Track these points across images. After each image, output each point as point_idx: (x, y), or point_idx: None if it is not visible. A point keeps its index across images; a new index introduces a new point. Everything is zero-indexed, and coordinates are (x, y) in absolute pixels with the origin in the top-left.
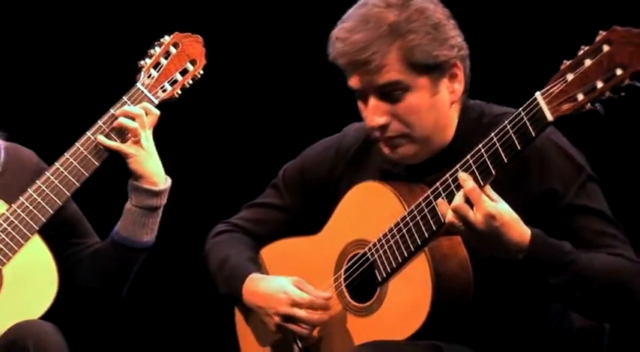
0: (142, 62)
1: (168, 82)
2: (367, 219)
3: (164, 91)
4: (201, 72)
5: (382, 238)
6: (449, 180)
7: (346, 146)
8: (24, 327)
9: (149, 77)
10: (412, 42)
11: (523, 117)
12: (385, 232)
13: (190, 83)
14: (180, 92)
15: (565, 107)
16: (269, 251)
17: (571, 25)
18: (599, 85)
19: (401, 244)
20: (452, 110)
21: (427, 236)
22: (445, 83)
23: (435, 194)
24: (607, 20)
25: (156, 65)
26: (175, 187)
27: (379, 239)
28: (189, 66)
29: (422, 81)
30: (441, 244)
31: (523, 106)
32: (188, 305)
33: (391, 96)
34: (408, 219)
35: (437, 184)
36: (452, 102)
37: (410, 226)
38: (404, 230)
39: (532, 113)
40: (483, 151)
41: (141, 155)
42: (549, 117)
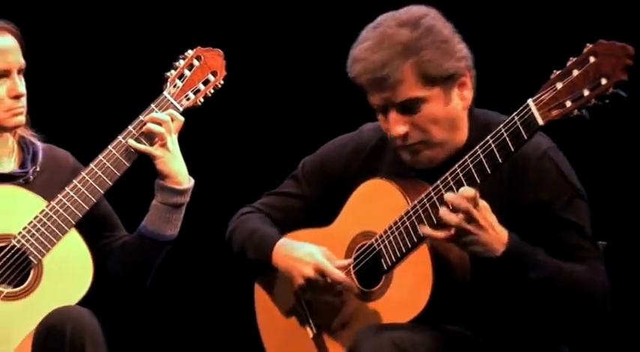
0: (168, 73)
1: (191, 91)
2: (374, 213)
3: (188, 100)
4: (221, 82)
5: (388, 230)
6: (448, 178)
7: (362, 144)
8: (62, 312)
9: (174, 87)
10: (424, 57)
11: (516, 121)
12: (390, 225)
13: (212, 92)
14: (202, 100)
15: (554, 113)
16: (290, 237)
17: (560, 38)
18: (585, 93)
19: (405, 236)
20: (464, 116)
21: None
22: (456, 92)
23: (436, 190)
24: (593, 34)
25: (180, 76)
26: (198, 186)
27: (385, 231)
28: (210, 77)
29: (435, 92)
30: None
31: (516, 112)
32: (207, 293)
33: (410, 108)
34: (412, 213)
35: (438, 182)
36: (463, 108)
37: (413, 219)
38: (407, 223)
39: (524, 118)
40: (480, 152)
41: (167, 157)
42: (540, 121)
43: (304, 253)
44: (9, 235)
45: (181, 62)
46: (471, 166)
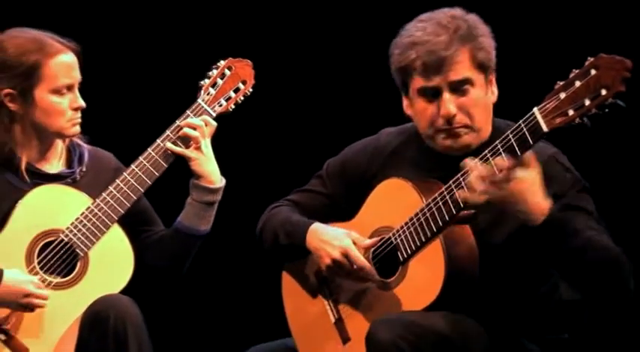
0: (202, 82)
1: (223, 98)
2: (392, 209)
3: (220, 106)
4: (250, 90)
5: (404, 225)
6: (460, 179)
7: (380, 148)
8: (106, 300)
9: (208, 94)
10: (480, 44)
11: (523, 128)
12: (407, 220)
13: (242, 99)
14: (233, 106)
15: (558, 120)
16: None
17: (564, 52)
18: (586, 103)
19: (419, 230)
20: (491, 111)
21: (441, 224)
22: (490, 85)
23: (449, 189)
24: (595, 48)
25: (213, 84)
26: (233, 184)
27: (401, 226)
28: (240, 85)
29: (481, 78)
30: (453, 232)
31: (523, 119)
32: (238, 281)
33: (460, 90)
34: (426, 210)
35: (450, 182)
36: (492, 102)
37: (427, 216)
38: (422, 219)
39: (530, 124)
40: (489, 156)
41: (201, 159)
42: (544, 128)
43: (333, 236)
44: (58, 230)
45: (214, 72)
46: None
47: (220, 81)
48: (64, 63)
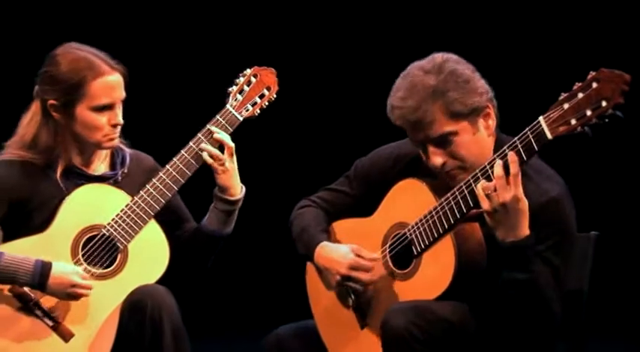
0: (230, 89)
1: (250, 104)
2: (407, 207)
3: (247, 111)
4: (274, 95)
5: (418, 222)
6: (470, 180)
7: (402, 155)
8: (144, 290)
9: (235, 100)
10: (450, 97)
11: (529, 135)
12: (421, 217)
13: (267, 104)
14: (259, 111)
15: (561, 129)
16: (338, 225)
17: (568, 66)
18: (588, 113)
19: (432, 227)
20: (490, 140)
21: (452, 222)
22: (481, 122)
23: (460, 189)
24: (596, 62)
25: (240, 91)
26: (266, 182)
27: (416, 222)
28: (265, 91)
29: (463, 125)
30: (464, 228)
31: (529, 127)
32: (267, 268)
33: (444, 142)
34: (439, 208)
35: (461, 183)
36: (489, 135)
37: (440, 214)
38: (435, 216)
39: (536, 132)
40: (498, 159)
41: (227, 174)
42: (549, 136)
43: (338, 255)
44: (100, 225)
45: (241, 79)
46: (488, 167)
47: (247, 88)
48: (108, 84)
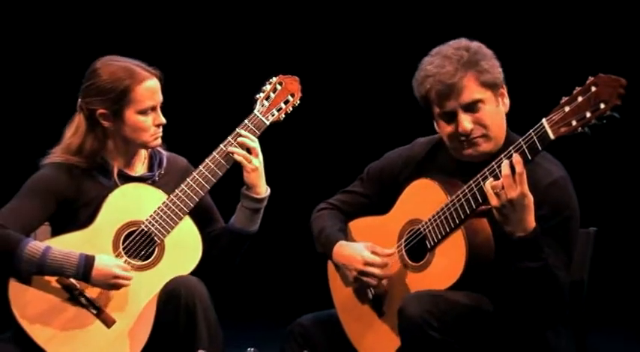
0: (257, 95)
1: (275, 109)
2: (421, 205)
3: (273, 116)
4: (298, 102)
5: (431, 218)
6: (478, 178)
7: (412, 157)
8: (178, 280)
9: (262, 106)
10: (482, 67)
11: (533, 135)
12: (434, 214)
13: (291, 110)
14: (284, 116)
15: (563, 129)
16: (355, 224)
17: (568, 72)
18: (587, 115)
19: (444, 222)
20: (504, 122)
21: (462, 217)
22: (500, 98)
23: (469, 187)
24: (595, 68)
25: (267, 97)
26: (289, 184)
27: (429, 218)
28: (289, 97)
29: (489, 95)
30: (473, 223)
31: (533, 128)
32: (291, 265)
33: (473, 109)
34: (450, 205)
35: (470, 181)
36: (505, 112)
37: (451, 210)
38: (447, 213)
39: (539, 133)
40: (505, 159)
41: (254, 172)
42: (551, 136)
43: (354, 252)
44: (139, 221)
45: (267, 86)
46: (495, 167)
47: (273, 94)
48: (150, 88)
